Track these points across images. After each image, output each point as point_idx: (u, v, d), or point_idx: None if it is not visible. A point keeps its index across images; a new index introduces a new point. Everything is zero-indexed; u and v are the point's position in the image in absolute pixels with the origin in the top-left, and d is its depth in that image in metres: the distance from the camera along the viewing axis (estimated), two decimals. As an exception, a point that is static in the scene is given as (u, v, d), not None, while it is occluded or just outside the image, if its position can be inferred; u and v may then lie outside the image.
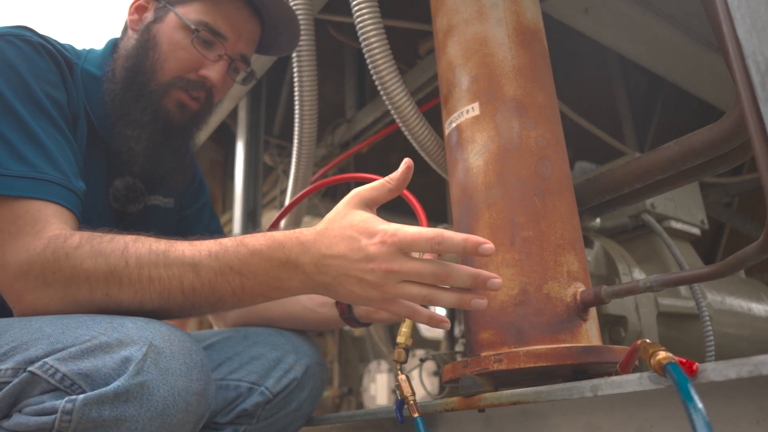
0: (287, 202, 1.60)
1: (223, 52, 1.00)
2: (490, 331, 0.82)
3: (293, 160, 1.55)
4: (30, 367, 0.64)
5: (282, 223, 1.57)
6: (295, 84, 1.46)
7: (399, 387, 0.85)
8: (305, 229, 0.74)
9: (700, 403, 0.48)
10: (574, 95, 2.39)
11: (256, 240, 0.74)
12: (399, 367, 0.88)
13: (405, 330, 0.91)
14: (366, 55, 1.19)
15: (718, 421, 0.57)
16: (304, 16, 1.40)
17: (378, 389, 2.41)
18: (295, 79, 1.45)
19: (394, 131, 1.77)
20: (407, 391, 0.84)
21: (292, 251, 0.72)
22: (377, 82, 1.20)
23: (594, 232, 1.41)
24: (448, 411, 0.83)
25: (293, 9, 1.11)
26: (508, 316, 0.80)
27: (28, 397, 0.64)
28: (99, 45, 1.04)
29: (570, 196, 0.88)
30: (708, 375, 0.55)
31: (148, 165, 0.99)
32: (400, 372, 0.87)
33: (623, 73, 2.45)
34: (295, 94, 1.47)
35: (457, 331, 1.87)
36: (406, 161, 0.75)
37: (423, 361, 1.99)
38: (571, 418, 0.71)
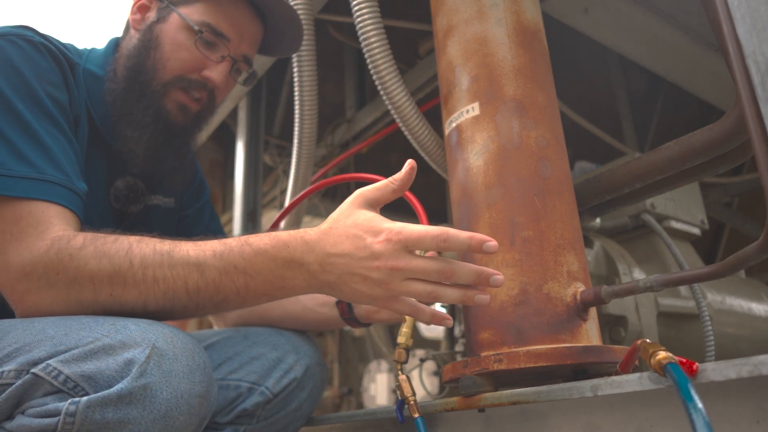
0: (287, 202, 1.60)
1: (225, 53, 1.00)
2: (490, 331, 0.82)
3: (293, 160, 1.55)
4: (33, 369, 0.63)
5: (282, 223, 1.57)
6: (295, 84, 1.46)
7: (399, 387, 0.85)
8: (309, 229, 0.74)
9: (700, 403, 0.48)
10: (574, 95, 2.40)
11: (261, 240, 0.74)
12: (399, 367, 0.88)
13: (405, 330, 0.91)
14: (366, 55, 1.19)
15: (718, 421, 0.57)
16: (304, 16, 1.40)
17: (378, 389, 2.40)
18: (295, 79, 1.45)
19: (394, 131, 1.77)
20: (408, 391, 0.84)
21: (297, 250, 0.72)
22: (377, 82, 1.20)
23: (594, 232, 1.41)
24: (448, 411, 0.83)
25: (296, 10, 1.11)
26: (508, 316, 0.80)
27: (31, 398, 0.64)
28: (100, 44, 1.04)
29: (570, 196, 0.88)
30: (708, 375, 0.55)
31: (149, 166, 0.99)
32: (400, 372, 0.87)
33: (623, 73, 2.45)
34: (295, 94, 1.47)
35: (457, 331, 1.87)
36: (410, 162, 0.75)
37: (423, 361, 1.99)
38: (571, 418, 0.71)
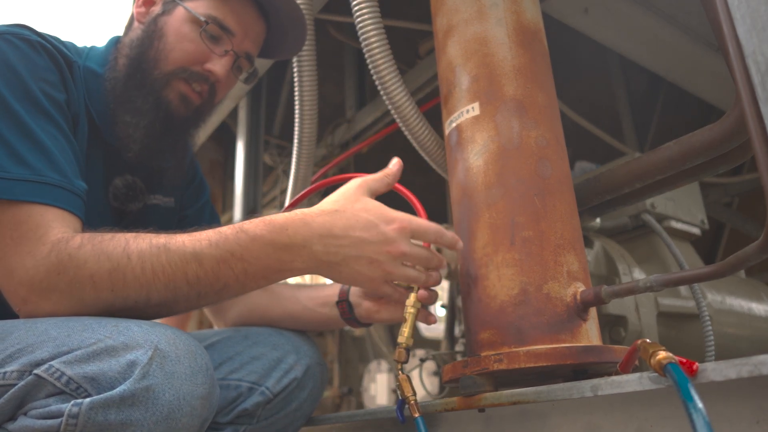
0: (287, 202, 1.60)
1: (229, 47, 1.00)
2: (490, 331, 0.82)
3: (293, 160, 1.55)
4: (36, 370, 0.63)
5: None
6: (295, 84, 1.45)
7: (400, 387, 0.85)
8: (308, 210, 0.76)
9: (700, 403, 0.48)
10: (574, 95, 2.39)
11: (256, 226, 0.75)
12: (400, 367, 0.88)
13: (406, 330, 0.91)
14: (366, 55, 1.19)
15: (718, 421, 0.57)
16: (305, 16, 1.40)
17: (378, 389, 2.40)
18: (295, 79, 1.45)
19: (394, 131, 1.77)
20: (408, 391, 0.83)
21: (297, 234, 0.74)
22: (377, 82, 1.20)
23: (594, 232, 1.41)
24: (448, 411, 0.83)
25: (302, 13, 1.12)
26: (508, 316, 0.80)
27: (34, 400, 0.63)
28: (101, 43, 1.04)
29: (570, 196, 0.88)
30: (708, 375, 0.55)
31: (145, 154, 0.98)
32: (400, 372, 0.87)
33: (623, 73, 2.44)
34: (295, 94, 1.46)
35: (457, 331, 1.87)
36: (397, 160, 0.90)
37: (423, 361, 1.99)
38: (571, 418, 0.71)
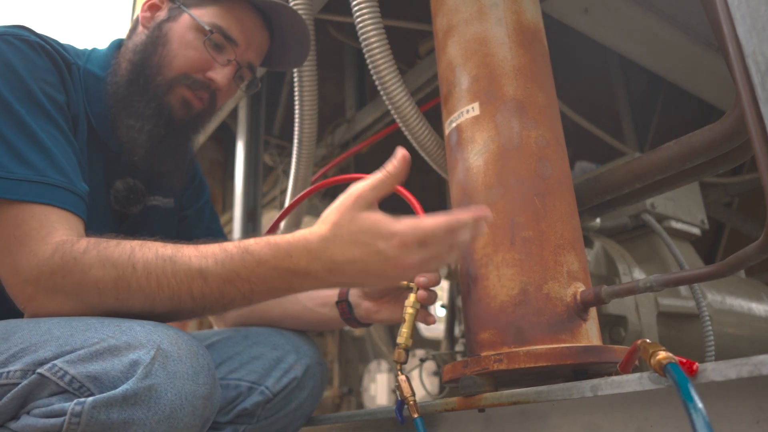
0: (287, 202, 1.59)
1: (232, 57, 1.00)
2: (490, 331, 0.82)
3: (293, 160, 1.55)
4: (39, 369, 0.64)
5: (282, 224, 1.57)
6: (295, 84, 1.45)
7: (399, 387, 0.85)
8: (309, 234, 0.72)
9: (700, 403, 0.48)
10: (574, 95, 2.39)
11: (261, 248, 0.72)
12: (399, 367, 0.88)
13: (405, 330, 0.91)
14: (366, 55, 1.19)
15: (718, 421, 0.57)
16: (305, 16, 1.40)
17: (378, 389, 2.41)
18: (295, 79, 1.45)
19: (394, 131, 1.77)
20: (407, 391, 0.83)
21: (301, 260, 0.71)
22: (377, 82, 1.20)
23: (594, 232, 1.41)
24: (448, 411, 0.83)
25: (307, 27, 1.11)
26: (508, 316, 0.80)
27: (37, 398, 0.64)
28: (102, 45, 1.04)
29: (570, 196, 0.88)
30: (708, 375, 0.55)
31: (147, 159, 0.99)
32: (400, 372, 0.87)
33: (623, 73, 2.44)
34: (295, 94, 1.46)
35: (457, 331, 1.87)
36: (402, 152, 0.73)
37: (423, 361, 2.00)
38: (571, 418, 0.71)
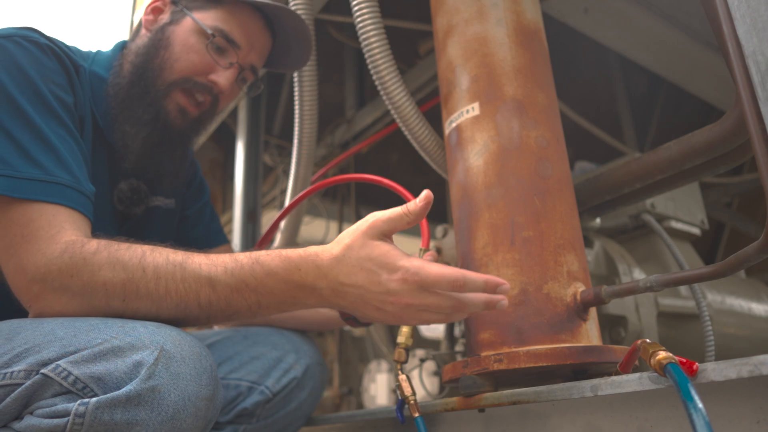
0: (287, 202, 1.59)
1: (234, 60, 1.01)
2: (490, 331, 0.82)
3: (293, 160, 1.55)
4: (42, 370, 0.64)
5: (282, 223, 1.57)
6: (295, 84, 1.45)
7: (400, 387, 0.85)
8: (321, 251, 0.73)
9: (700, 403, 0.48)
10: (574, 95, 2.39)
11: (272, 260, 0.73)
12: (399, 367, 0.88)
13: (405, 330, 0.91)
14: (366, 55, 1.19)
15: (718, 421, 0.57)
16: (305, 16, 1.40)
17: (378, 389, 2.40)
18: (295, 80, 1.45)
19: (394, 131, 1.77)
20: (408, 391, 0.84)
21: (309, 275, 0.72)
22: (377, 82, 1.20)
23: (594, 232, 1.41)
24: (448, 411, 0.83)
25: (308, 29, 1.12)
26: (508, 316, 0.80)
27: (40, 399, 0.64)
28: (106, 47, 1.04)
29: (570, 196, 0.88)
30: (708, 375, 0.55)
31: (142, 163, 0.99)
32: (400, 372, 0.87)
33: (623, 73, 2.44)
34: (295, 94, 1.46)
35: (457, 331, 1.87)
36: (427, 193, 0.72)
37: (423, 361, 1.99)
38: (571, 418, 0.71)
